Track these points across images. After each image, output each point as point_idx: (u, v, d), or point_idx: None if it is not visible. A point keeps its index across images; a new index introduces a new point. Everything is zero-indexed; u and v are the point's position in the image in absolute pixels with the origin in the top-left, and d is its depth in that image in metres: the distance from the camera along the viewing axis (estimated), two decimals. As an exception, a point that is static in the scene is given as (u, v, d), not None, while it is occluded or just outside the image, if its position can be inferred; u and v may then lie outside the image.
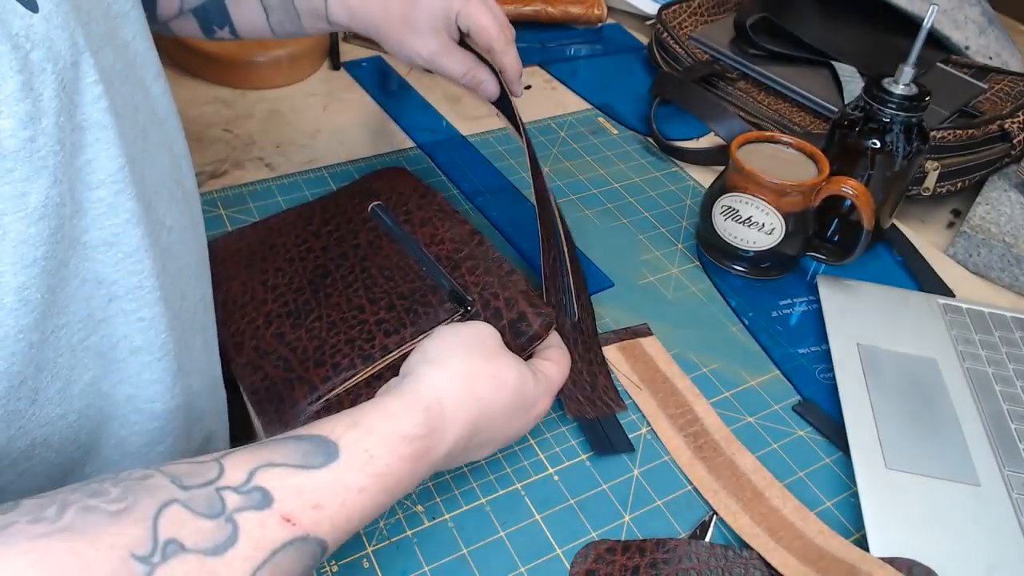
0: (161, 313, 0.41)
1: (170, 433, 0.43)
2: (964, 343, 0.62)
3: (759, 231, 0.65)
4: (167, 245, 0.42)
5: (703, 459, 0.53)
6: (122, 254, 0.38)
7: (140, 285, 0.39)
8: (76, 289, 0.36)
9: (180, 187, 0.45)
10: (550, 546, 0.48)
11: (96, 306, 0.38)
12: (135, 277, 0.39)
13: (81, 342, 0.38)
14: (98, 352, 0.39)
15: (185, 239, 0.45)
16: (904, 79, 0.63)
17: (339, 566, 0.45)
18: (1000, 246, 0.71)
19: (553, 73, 0.95)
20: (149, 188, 0.40)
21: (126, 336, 0.40)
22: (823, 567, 0.46)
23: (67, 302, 0.36)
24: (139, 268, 0.39)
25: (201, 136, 0.78)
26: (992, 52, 0.93)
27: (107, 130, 0.35)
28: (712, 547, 0.47)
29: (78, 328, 0.37)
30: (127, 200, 0.37)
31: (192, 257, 0.46)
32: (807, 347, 0.63)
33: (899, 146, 0.64)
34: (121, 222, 0.37)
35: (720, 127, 0.83)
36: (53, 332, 0.35)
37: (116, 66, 0.38)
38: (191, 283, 0.46)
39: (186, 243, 0.45)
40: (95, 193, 0.36)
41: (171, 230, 0.43)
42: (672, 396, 0.57)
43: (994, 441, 0.55)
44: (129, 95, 0.39)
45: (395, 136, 0.82)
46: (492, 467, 0.52)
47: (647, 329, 0.62)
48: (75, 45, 0.33)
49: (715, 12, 1.00)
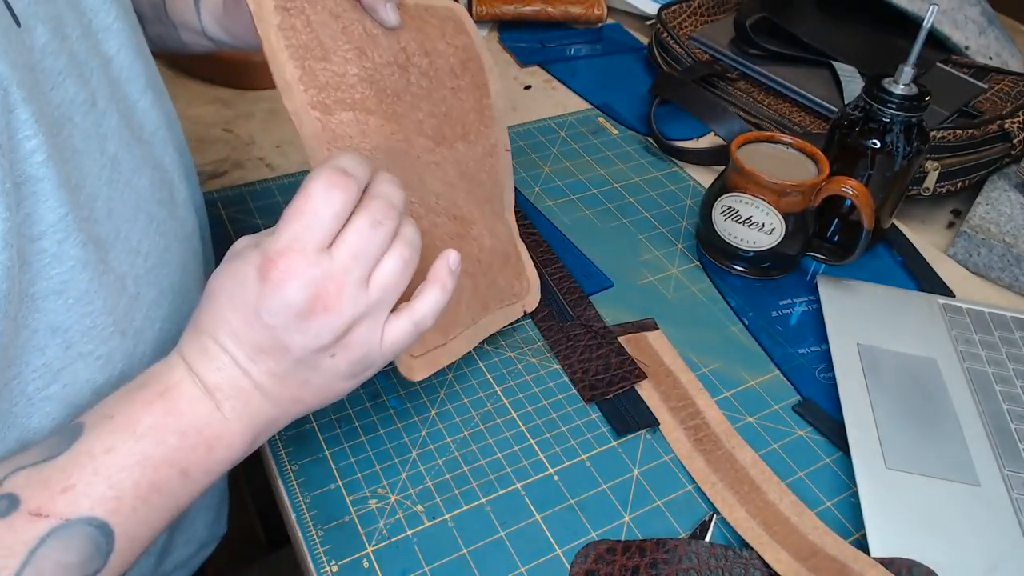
0: (117, 346, 0.40)
1: None
2: (964, 343, 0.62)
3: (759, 231, 0.65)
4: (142, 273, 0.41)
5: (702, 452, 0.53)
6: (72, 300, 0.37)
7: (94, 325, 0.39)
8: (27, 340, 0.36)
9: (167, 204, 0.44)
10: (550, 546, 0.48)
11: (53, 355, 0.37)
12: (88, 319, 0.38)
13: (38, 391, 0.37)
14: (61, 400, 0.38)
15: (166, 260, 0.44)
16: (904, 79, 0.63)
17: (339, 566, 0.45)
18: (1000, 246, 0.71)
19: (553, 73, 0.95)
20: (117, 219, 0.40)
21: (89, 380, 0.39)
22: (815, 564, 0.46)
23: (18, 353, 0.36)
24: (91, 309, 0.38)
25: (201, 136, 0.78)
26: (992, 52, 0.93)
27: (44, 182, 0.34)
28: (712, 547, 0.47)
29: (33, 378, 0.37)
30: (72, 247, 0.36)
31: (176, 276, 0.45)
32: (807, 347, 0.63)
33: (899, 146, 0.64)
34: (67, 269, 0.36)
35: (720, 127, 0.83)
36: (6, 384, 0.35)
37: (79, 97, 0.37)
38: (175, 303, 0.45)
39: (167, 264, 0.44)
40: (37, 245, 0.35)
41: (148, 256, 0.42)
42: (675, 389, 0.57)
43: (994, 441, 0.55)
44: (94, 126, 0.38)
45: (395, 136, 0.81)
46: (492, 467, 0.52)
47: (653, 323, 0.62)
48: (4, 98, 0.32)
49: (715, 12, 1.00)
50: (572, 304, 0.62)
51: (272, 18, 0.46)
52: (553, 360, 0.58)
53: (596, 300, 0.64)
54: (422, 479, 0.50)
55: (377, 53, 0.50)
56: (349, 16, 0.49)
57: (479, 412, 0.55)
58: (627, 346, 0.60)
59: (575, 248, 0.69)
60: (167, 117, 0.47)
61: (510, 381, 0.57)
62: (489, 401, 0.56)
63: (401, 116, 0.50)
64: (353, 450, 0.52)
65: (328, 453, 0.51)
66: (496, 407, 0.55)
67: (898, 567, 0.46)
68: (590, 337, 0.59)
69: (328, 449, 0.51)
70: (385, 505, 0.49)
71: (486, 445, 0.53)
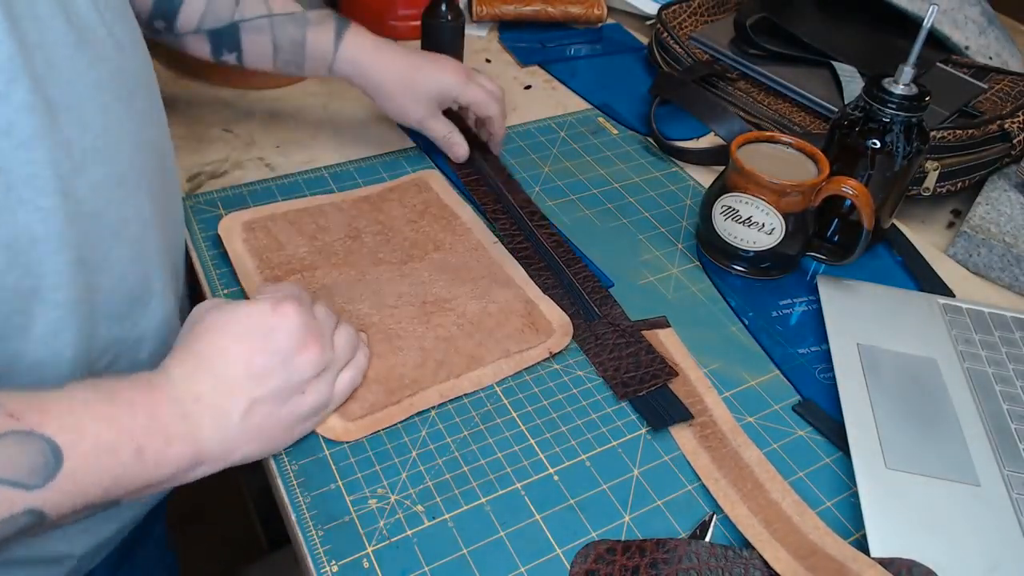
0: (59, 204, 0.42)
1: (69, 326, 0.45)
2: (964, 343, 0.62)
3: (759, 231, 0.65)
4: (90, 147, 0.43)
5: (708, 448, 0.53)
6: (16, 142, 0.39)
7: (35, 174, 0.40)
8: None
9: (124, 100, 0.47)
10: (550, 546, 0.48)
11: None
12: (30, 167, 0.40)
13: None
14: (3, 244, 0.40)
15: (120, 147, 0.46)
16: (904, 79, 0.63)
17: (339, 566, 0.45)
18: (1000, 246, 0.71)
19: (553, 73, 0.95)
20: (72, 91, 0.42)
21: (28, 225, 0.41)
22: (813, 563, 0.46)
23: None
24: (33, 157, 0.40)
25: (201, 136, 0.78)
26: (992, 52, 0.93)
27: None
28: (712, 547, 0.47)
29: None
30: (19, 90, 0.39)
31: (125, 166, 0.47)
32: (807, 347, 0.63)
33: (899, 146, 0.64)
34: (13, 110, 0.39)
35: (720, 127, 0.83)
36: None
37: None
38: (120, 190, 0.47)
39: (120, 151, 0.46)
40: None
41: (98, 135, 0.44)
42: (684, 386, 0.57)
43: (994, 441, 0.55)
44: (59, 4, 0.41)
45: (395, 136, 0.82)
46: (492, 467, 0.52)
47: (665, 321, 0.63)
48: None
49: (715, 12, 1.00)
50: (598, 303, 0.63)
51: (239, 236, 0.65)
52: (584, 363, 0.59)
53: (596, 300, 0.64)
54: (422, 479, 0.50)
55: (328, 236, 0.66)
56: (304, 220, 0.67)
57: (479, 412, 0.55)
58: None
59: (575, 248, 0.69)
60: (131, 37, 0.49)
61: (510, 381, 0.57)
62: (489, 401, 0.56)
63: (354, 263, 0.64)
64: (353, 450, 0.52)
65: (328, 453, 0.51)
66: (496, 407, 0.55)
67: (898, 567, 0.46)
68: (618, 335, 0.60)
69: (328, 449, 0.51)
70: (385, 505, 0.49)
71: (486, 445, 0.53)
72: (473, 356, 0.57)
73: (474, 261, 0.65)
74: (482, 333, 0.59)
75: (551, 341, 0.59)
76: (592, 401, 0.56)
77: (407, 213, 0.70)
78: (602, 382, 0.58)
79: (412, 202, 0.71)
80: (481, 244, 0.67)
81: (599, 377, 0.58)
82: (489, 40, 1.02)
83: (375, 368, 0.55)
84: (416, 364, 0.56)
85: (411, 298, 0.61)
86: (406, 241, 0.67)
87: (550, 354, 0.59)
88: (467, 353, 0.57)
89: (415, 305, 0.60)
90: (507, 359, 0.57)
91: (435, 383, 0.55)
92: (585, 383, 0.58)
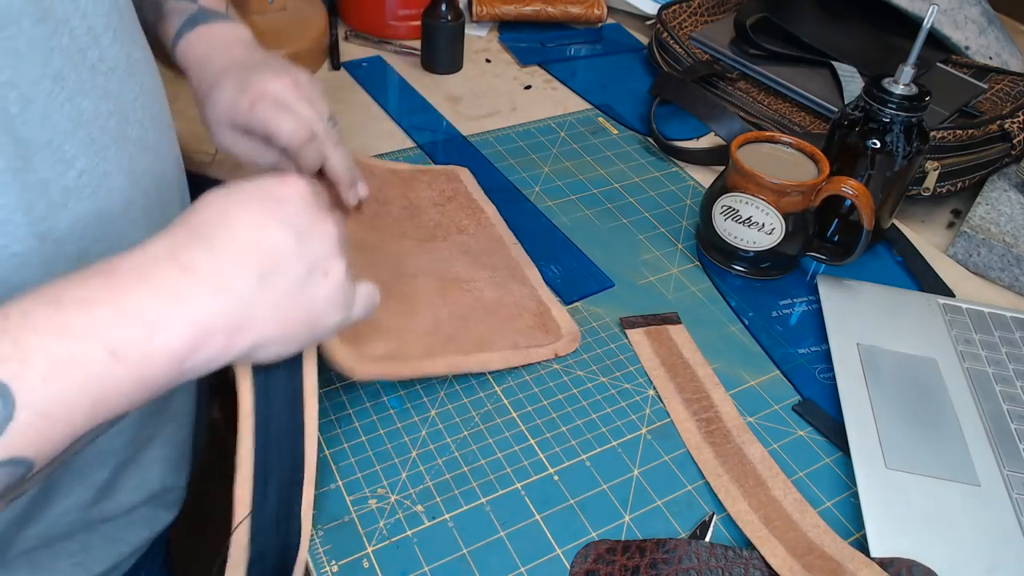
0: (34, 248, 0.41)
1: None
2: (964, 343, 0.62)
3: (759, 231, 0.65)
4: (72, 185, 0.42)
5: (712, 444, 0.53)
6: None
7: (7, 219, 0.39)
8: None
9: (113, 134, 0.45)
10: (550, 546, 0.48)
11: None
12: (0, 211, 0.39)
13: None
14: None
15: (105, 184, 0.44)
16: (904, 79, 0.63)
17: (339, 566, 0.45)
18: (1000, 246, 0.71)
19: (553, 73, 0.95)
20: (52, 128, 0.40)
21: (4, 279, 0.40)
22: (810, 562, 0.46)
23: None
24: (3, 202, 0.39)
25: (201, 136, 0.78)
26: (992, 52, 0.93)
27: None
28: (712, 547, 0.47)
29: None
30: None
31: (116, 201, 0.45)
32: (807, 347, 0.63)
33: (899, 146, 0.64)
34: None
35: (720, 127, 0.83)
36: None
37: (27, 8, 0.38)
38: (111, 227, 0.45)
39: (108, 185, 0.45)
40: None
41: (82, 173, 0.42)
42: (691, 382, 0.58)
43: (994, 441, 0.55)
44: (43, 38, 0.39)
45: (395, 136, 0.82)
46: (492, 467, 0.52)
47: (676, 318, 0.63)
48: None
49: (715, 12, 1.00)
50: None
51: None
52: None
53: (597, 300, 0.64)
54: (422, 479, 0.50)
55: None
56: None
57: (479, 412, 0.55)
58: (647, 337, 0.61)
59: (575, 248, 0.69)
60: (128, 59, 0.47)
61: (510, 381, 0.57)
62: (489, 401, 0.56)
63: (380, 228, 0.64)
64: (353, 450, 0.52)
65: (328, 453, 0.51)
66: (496, 407, 0.55)
67: (898, 567, 0.46)
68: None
69: (328, 449, 0.51)
70: (385, 505, 0.49)
71: (486, 445, 0.53)
72: (483, 339, 0.57)
73: (495, 252, 0.66)
74: (495, 320, 0.59)
75: (559, 344, 0.59)
76: (592, 401, 0.56)
77: (434, 196, 0.71)
78: (602, 382, 0.58)
79: (441, 187, 0.72)
80: (503, 240, 0.68)
81: (599, 377, 0.58)
82: (489, 40, 1.02)
83: (388, 324, 0.53)
84: (428, 331, 0.56)
85: (430, 272, 0.61)
86: (431, 222, 0.68)
87: (555, 356, 0.59)
88: (478, 335, 0.57)
89: (433, 278, 0.60)
90: (515, 351, 0.57)
91: (445, 354, 0.55)
92: (585, 383, 0.58)
